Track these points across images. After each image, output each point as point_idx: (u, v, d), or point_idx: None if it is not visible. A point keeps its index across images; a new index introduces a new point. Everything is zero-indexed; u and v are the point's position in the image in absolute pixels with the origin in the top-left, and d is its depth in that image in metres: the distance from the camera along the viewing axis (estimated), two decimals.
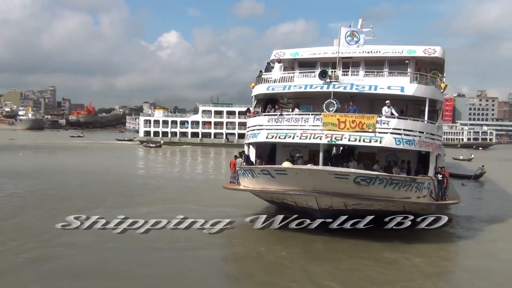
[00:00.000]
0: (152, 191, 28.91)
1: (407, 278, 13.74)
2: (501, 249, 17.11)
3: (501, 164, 66.54)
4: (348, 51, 21.53)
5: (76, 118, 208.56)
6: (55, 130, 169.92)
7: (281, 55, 23.08)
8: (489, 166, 43.43)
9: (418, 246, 16.73)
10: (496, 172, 44.03)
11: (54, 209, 21.62)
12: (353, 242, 16.31)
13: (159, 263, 14.27)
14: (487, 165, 43.37)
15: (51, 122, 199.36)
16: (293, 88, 20.14)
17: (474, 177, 40.04)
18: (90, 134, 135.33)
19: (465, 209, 24.26)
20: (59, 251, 15.10)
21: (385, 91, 18.36)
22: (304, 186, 16.06)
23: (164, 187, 30.75)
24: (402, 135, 17.19)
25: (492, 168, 45.17)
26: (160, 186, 31.39)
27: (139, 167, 48.65)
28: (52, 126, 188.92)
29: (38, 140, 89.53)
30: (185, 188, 30.88)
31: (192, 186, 32.03)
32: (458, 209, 24.18)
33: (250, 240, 16.87)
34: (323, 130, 17.46)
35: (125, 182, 32.31)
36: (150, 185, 31.60)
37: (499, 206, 27.10)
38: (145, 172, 42.92)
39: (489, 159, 68.72)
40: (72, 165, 44.88)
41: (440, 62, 22.19)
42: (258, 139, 19.45)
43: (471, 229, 20.38)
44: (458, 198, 21.18)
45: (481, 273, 14.30)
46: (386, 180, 16.04)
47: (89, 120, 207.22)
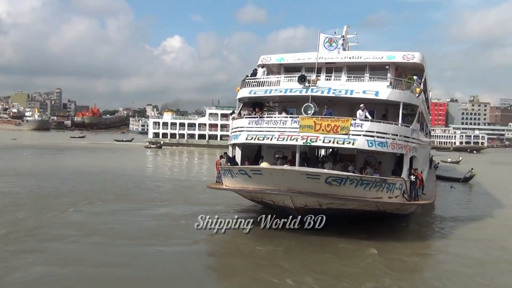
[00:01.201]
0: (146, 190, 29.04)
1: (371, 272, 13.94)
2: (473, 250, 17.12)
3: (492, 167, 66.97)
4: (330, 56, 21.79)
5: (81, 120, 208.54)
6: (61, 131, 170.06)
7: (267, 61, 23.32)
8: (479, 169, 43.57)
9: (392, 243, 16.97)
10: (485, 175, 44.42)
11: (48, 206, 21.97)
12: (326, 238, 16.53)
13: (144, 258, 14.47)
14: (478, 168, 43.50)
15: (57, 123, 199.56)
16: (274, 92, 20.35)
17: (463, 180, 40.13)
18: (93, 135, 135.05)
19: (450, 210, 25.21)
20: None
21: (360, 95, 18.51)
22: (279, 186, 16.26)
23: (159, 187, 30.92)
24: (375, 137, 17.29)
25: (482, 172, 45.57)
26: (155, 186, 31.48)
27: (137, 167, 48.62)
28: (58, 127, 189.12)
29: (40, 141, 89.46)
30: (179, 187, 31.03)
31: (187, 185, 32.06)
32: (443, 210, 25.08)
33: (233, 237, 17.18)
34: (299, 132, 17.63)
35: (121, 182, 32.34)
36: (145, 184, 31.80)
37: (482, 207, 27.33)
38: (143, 172, 42.92)
39: (480, 163, 68.98)
40: (71, 165, 45.06)
41: (419, 68, 22.30)
42: (238, 140, 19.62)
43: (452, 227, 20.77)
44: (433, 198, 21.38)
45: (448, 274, 14.30)
46: (356, 181, 16.18)
47: (93, 122, 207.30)
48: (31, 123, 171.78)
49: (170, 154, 72.89)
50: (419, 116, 20.85)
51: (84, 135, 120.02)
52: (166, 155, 70.69)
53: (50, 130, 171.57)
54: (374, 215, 18.46)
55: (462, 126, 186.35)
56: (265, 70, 21.80)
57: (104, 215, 20.70)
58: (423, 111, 25.98)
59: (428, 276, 14.10)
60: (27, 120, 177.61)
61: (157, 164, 56.28)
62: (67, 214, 20.59)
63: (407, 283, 13.40)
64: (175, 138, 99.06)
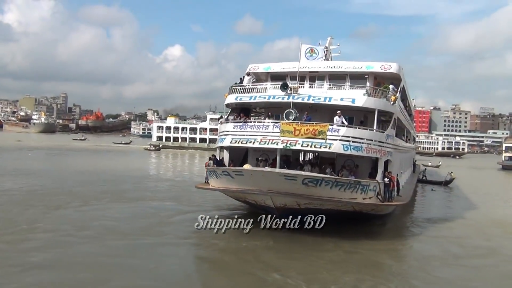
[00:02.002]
0: (142, 190, 29.02)
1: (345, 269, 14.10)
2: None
3: (471, 171, 67.70)
4: (313, 66, 22.04)
5: (85, 123, 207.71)
6: (66, 133, 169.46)
7: (255, 69, 23.49)
8: (459, 173, 44.12)
9: (368, 241, 17.20)
10: (465, 179, 45.20)
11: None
12: (307, 237, 16.66)
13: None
14: (459, 172, 43.93)
15: (62, 126, 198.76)
16: (258, 99, 20.49)
17: (444, 183, 40.34)
18: (95, 138, 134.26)
19: (426, 211, 25.91)
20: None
21: (338, 102, 18.68)
22: (259, 186, 16.37)
23: (154, 186, 30.93)
24: (350, 142, 17.43)
25: (462, 175, 46.48)
26: (151, 186, 31.49)
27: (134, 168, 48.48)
28: (63, 130, 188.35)
29: (44, 142, 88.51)
30: (173, 187, 31.10)
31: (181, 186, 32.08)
32: (420, 211, 25.70)
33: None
34: (280, 136, 17.73)
35: (119, 182, 32.29)
36: (142, 184, 31.81)
37: (455, 208, 27.67)
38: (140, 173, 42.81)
39: (460, 167, 69.79)
40: (71, 165, 45.02)
41: (396, 77, 22.51)
42: (224, 143, 19.71)
43: (423, 227, 21.03)
44: (407, 200, 21.54)
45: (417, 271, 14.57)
46: (331, 182, 16.30)
47: (97, 125, 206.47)
48: (38, 126, 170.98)
49: (167, 157, 72.78)
50: (394, 122, 20.99)
51: (85, 138, 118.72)
52: (163, 157, 70.54)
53: (55, 132, 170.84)
54: (352, 215, 18.58)
55: (444, 133, 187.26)
56: (251, 77, 21.98)
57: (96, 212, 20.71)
58: (402, 118, 26.13)
59: (386, 271, 14.44)
60: (34, 123, 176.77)
61: (155, 165, 56.15)
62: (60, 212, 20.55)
63: (371, 276, 13.61)
64: (177, 141, 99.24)
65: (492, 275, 14.45)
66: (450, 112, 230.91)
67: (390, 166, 20.08)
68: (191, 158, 71.43)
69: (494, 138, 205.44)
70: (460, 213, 25.54)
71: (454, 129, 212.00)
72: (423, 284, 13.15)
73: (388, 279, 13.52)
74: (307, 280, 12.60)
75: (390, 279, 13.49)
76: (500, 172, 70.50)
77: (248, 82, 21.76)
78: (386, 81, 22.33)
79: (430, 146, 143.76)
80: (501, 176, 64.72)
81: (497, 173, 68.49)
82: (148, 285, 12.04)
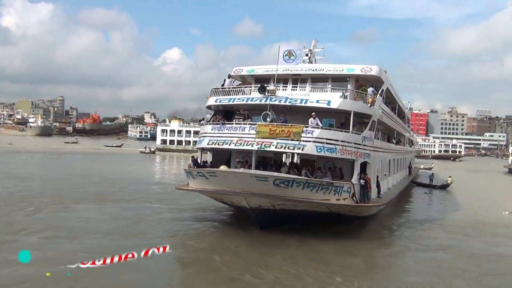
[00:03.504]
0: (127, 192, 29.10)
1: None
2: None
3: (475, 175, 67.45)
4: (296, 68, 22.31)
5: (82, 126, 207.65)
6: (62, 136, 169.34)
7: (239, 72, 23.74)
8: (463, 177, 43.83)
9: (347, 242, 17.44)
10: (468, 183, 45.31)
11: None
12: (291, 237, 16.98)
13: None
14: (463, 176, 43.62)
15: (59, 129, 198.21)
16: (237, 101, 20.66)
17: (440, 187, 39.90)
18: (88, 141, 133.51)
19: (414, 213, 26.49)
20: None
21: (314, 104, 18.89)
22: (233, 187, 16.55)
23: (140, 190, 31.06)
24: (324, 143, 17.60)
25: (460, 178, 46.20)
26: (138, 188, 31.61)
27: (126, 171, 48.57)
28: (60, 133, 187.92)
29: (36, 146, 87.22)
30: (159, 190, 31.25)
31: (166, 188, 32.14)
32: (409, 213, 26.16)
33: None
34: (255, 138, 17.92)
35: (105, 185, 32.33)
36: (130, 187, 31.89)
37: (444, 211, 27.64)
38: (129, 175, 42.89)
39: (461, 169, 69.59)
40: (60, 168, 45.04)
41: (377, 79, 22.71)
42: (201, 145, 19.92)
43: (405, 229, 21.38)
44: (385, 202, 21.72)
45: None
46: (303, 183, 16.47)
47: (94, 128, 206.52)
48: (34, 129, 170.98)
49: (162, 160, 72.81)
50: (373, 124, 21.10)
51: (77, 141, 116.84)
52: (158, 161, 70.62)
53: (52, 135, 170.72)
54: (331, 217, 18.73)
55: (441, 136, 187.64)
56: (231, 80, 22.18)
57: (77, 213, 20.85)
58: (387, 120, 26.27)
59: (353, 269, 14.64)
60: (30, 126, 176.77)
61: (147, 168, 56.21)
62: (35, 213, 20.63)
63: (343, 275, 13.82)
64: (181, 144, 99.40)
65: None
66: (447, 115, 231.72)
67: (369, 168, 20.21)
68: (187, 160, 71.28)
69: (491, 141, 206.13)
70: (444, 216, 25.57)
71: (451, 132, 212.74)
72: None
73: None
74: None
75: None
76: (508, 176, 70.22)
77: (229, 85, 21.93)
78: (368, 83, 22.53)
79: (427, 148, 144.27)
80: (509, 180, 63.90)
81: (505, 177, 67.85)
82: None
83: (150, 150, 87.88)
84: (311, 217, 18.40)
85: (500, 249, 18.18)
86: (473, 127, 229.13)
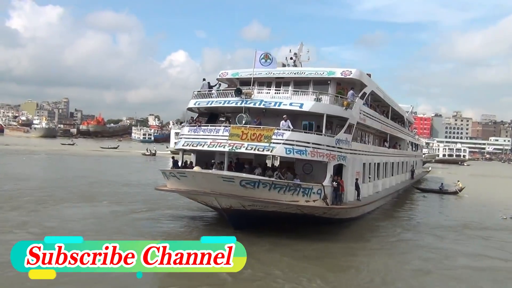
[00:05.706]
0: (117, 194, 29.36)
1: None
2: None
3: (486, 180, 66.28)
4: (279, 71, 22.87)
5: (86, 128, 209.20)
6: (66, 138, 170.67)
7: (225, 75, 24.27)
8: (474, 183, 43.31)
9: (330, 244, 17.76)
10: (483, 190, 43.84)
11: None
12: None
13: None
14: (473, 182, 43.10)
15: (63, 131, 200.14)
16: (215, 104, 21.12)
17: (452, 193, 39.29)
18: (85, 143, 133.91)
19: (407, 217, 26.70)
20: None
21: (287, 107, 19.29)
22: (204, 188, 16.94)
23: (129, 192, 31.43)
24: (294, 145, 17.94)
25: (481, 186, 46.20)
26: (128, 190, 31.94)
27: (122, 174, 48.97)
28: (64, 135, 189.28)
29: (35, 147, 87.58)
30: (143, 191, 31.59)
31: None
32: (399, 217, 26.24)
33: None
34: (228, 140, 18.34)
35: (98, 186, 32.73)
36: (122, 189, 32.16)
37: (438, 217, 27.43)
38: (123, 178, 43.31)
39: (471, 175, 68.92)
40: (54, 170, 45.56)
41: (357, 82, 23.04)
42: (178, 146, 20.37)
43: (389, 233, 21.55)
44: (361, 204, 21.93)
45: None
46: (269, 184, 16.80)
47: (98, 130, 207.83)
48: (39, 131, 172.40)
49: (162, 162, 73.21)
50: (350, 127, 21.35)
51: (74, 143, 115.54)
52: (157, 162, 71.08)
53: (56, 137, 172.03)
54: (307, 219, 19.01)
55: (446, 140, 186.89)
56: (207, 82, 22.72)
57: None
58: (374, 124, 26.44)
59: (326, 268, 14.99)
60: (35, 127, 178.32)
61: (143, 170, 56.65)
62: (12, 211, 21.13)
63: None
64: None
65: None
66: (452, 119, 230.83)
67: (345, 170, 20.52)
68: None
69: (495, 145, 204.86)
70: (435, 221, 25.54)
71: (455, 136, 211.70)
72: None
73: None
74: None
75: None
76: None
77: (206, 87, 22.46)
78: (348, 86, 22.88)
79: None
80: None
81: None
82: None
83: (151, 152, 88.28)
84: (287, 219, 18.68)
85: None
86: (478, 131, 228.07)
